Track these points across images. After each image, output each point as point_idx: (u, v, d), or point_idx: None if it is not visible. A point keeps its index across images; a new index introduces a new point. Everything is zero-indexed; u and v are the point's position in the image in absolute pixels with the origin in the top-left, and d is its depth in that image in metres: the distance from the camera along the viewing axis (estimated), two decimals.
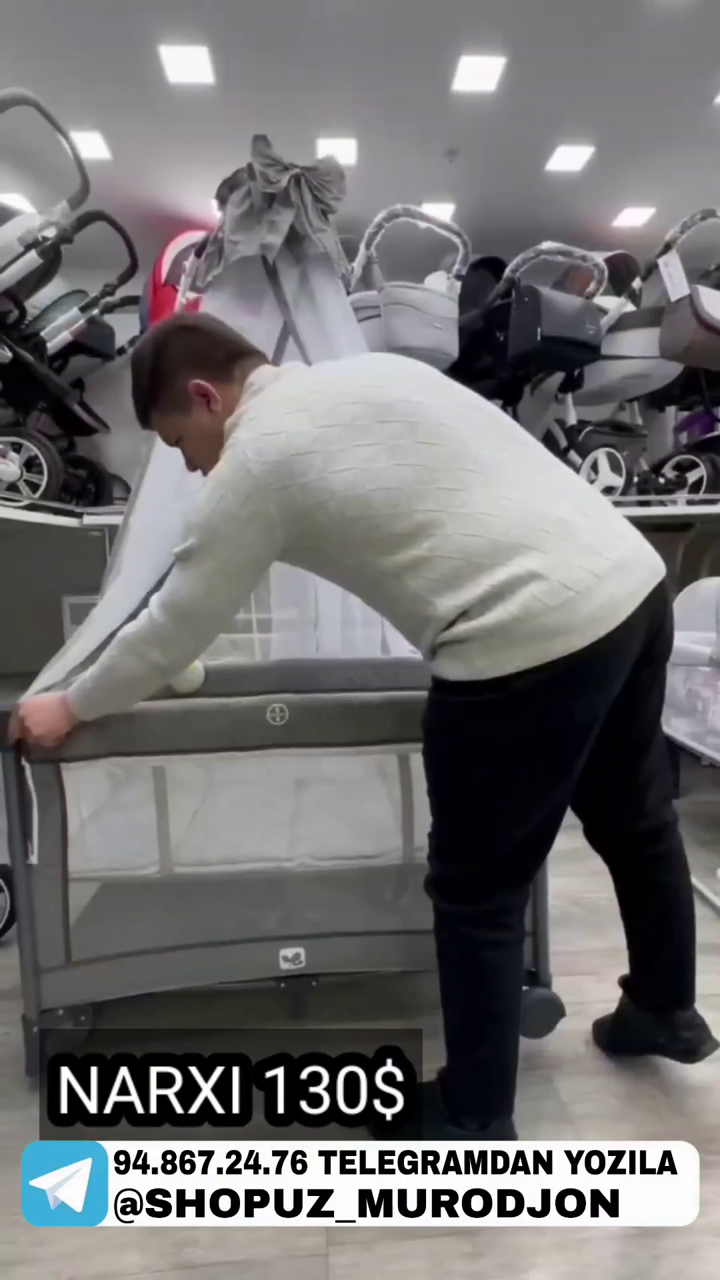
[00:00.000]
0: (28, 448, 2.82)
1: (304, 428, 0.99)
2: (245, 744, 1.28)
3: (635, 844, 1.28)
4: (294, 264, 1.59)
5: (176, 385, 1.10)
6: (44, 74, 2.46)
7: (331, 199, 1.54)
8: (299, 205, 1.51)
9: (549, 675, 0.95)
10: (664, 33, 2.45)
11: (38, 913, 1.32)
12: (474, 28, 2.40)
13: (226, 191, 1.60)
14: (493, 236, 3.23)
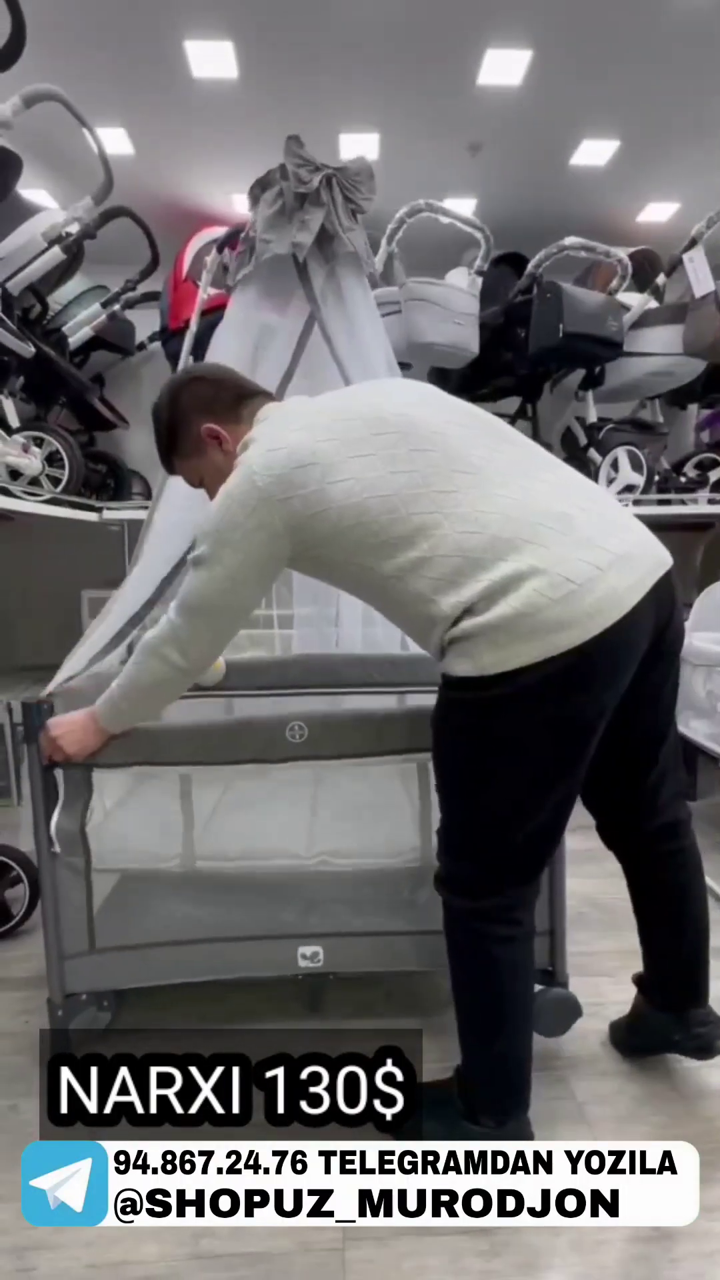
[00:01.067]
0: (49, 442, 2.85)
1: (304, 442, 1.05)
2: (266, 758, 1.31)
3: (648, 841, 1.28)
4: (323, 263, 1.61)
5: (191, 432, 1.20)
6: (69, 69, 2.47)
7: (361, 199, 1.56)
8: (329, 205, 1.53)
9: (555, 669, 0.96)
10: (692, 25, 2.41)
11: (62, 900, 1.34)
12: (500, 21, 2.37)
13: (259, 191, 1.62)
14: (515, 232, 3.20)
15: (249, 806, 1.63)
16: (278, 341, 1.72)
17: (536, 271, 3.04)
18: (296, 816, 1.60)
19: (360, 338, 1.61)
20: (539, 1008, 1.38)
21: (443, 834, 1.15)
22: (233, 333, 1.69)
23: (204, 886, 1.35)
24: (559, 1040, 1.42)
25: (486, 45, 2.47)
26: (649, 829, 1.27)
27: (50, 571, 3.40)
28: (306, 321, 1.68)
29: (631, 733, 1.15)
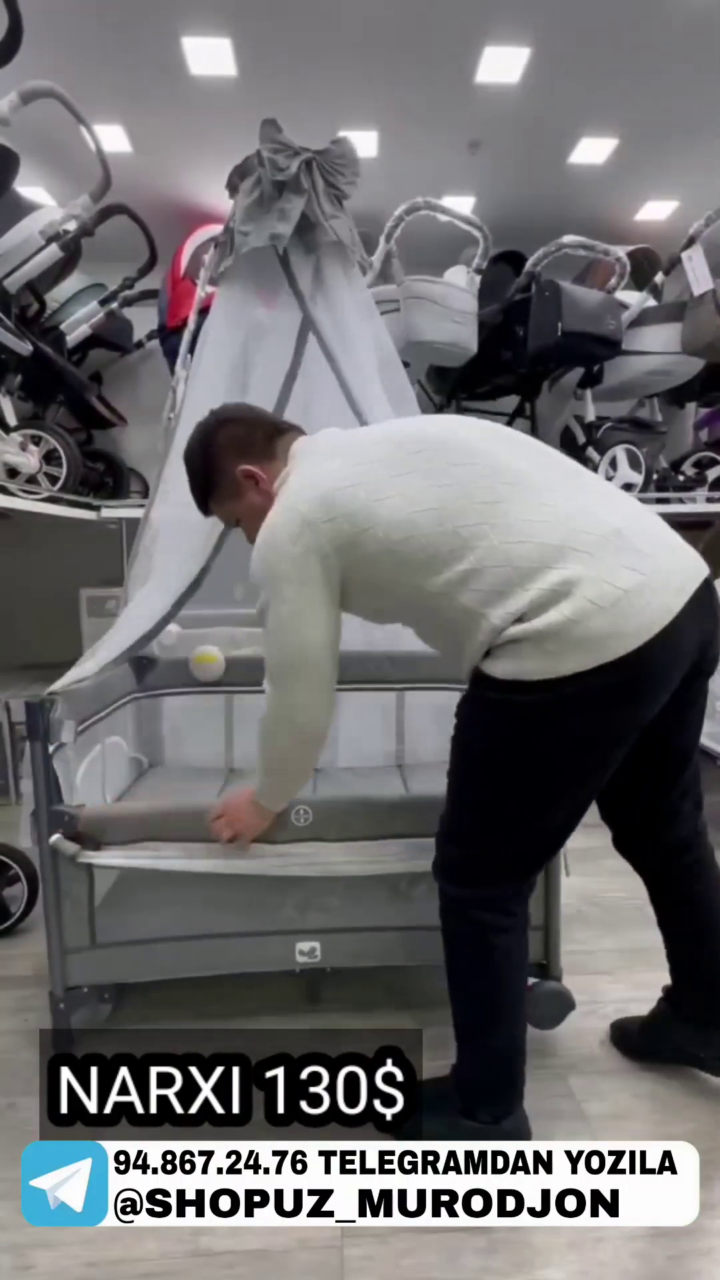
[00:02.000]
0: (47, 440, 2.84)
1: (341, 468, 1.07)
2: (271, 839, 1.34)
3: (666, 855, 1.28)
4: (307, 254, 1.56)
5: (227, 476, 1.21)
6: (67, 66, 2.46)
7: (344, 184, 1.51)
8: (310, 191, 1.47)
9: (600, 681, 0.95)
10: (691, 24, 2.40)
11: (64, 895, 1.34)
12: (499, 19, 2.36)
13: (237, 180, 1.57)
14: (514, 230, 3.20)
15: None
16: (269, 338, 1.70)
17: (535, 270, 3.04)
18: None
19: (351, 332, 1.58)
20: (533, 1000, 1.39)
21: (446, 821, 1.15)
22: (221, 330, 1.66)
23: (203, 883, 1.35)
24: (557, 1038, 1.43)
25: (485, 43, 2.46)
26: (666, 843, 1.26)
27: (48, 570, 3.39)
28: (302, 321, 1.66)
29: (664, 747, 1.15)
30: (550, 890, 1.42)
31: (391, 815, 1.38)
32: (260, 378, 1.76)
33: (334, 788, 1.90)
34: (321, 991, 1.54)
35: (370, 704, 2.10)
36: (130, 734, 1.99)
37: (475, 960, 1.12)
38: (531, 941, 1.42)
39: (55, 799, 1.36)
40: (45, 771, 1.35)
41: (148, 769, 2.06)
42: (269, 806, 1.28)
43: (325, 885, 1.38)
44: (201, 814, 1.37)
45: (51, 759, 1.36)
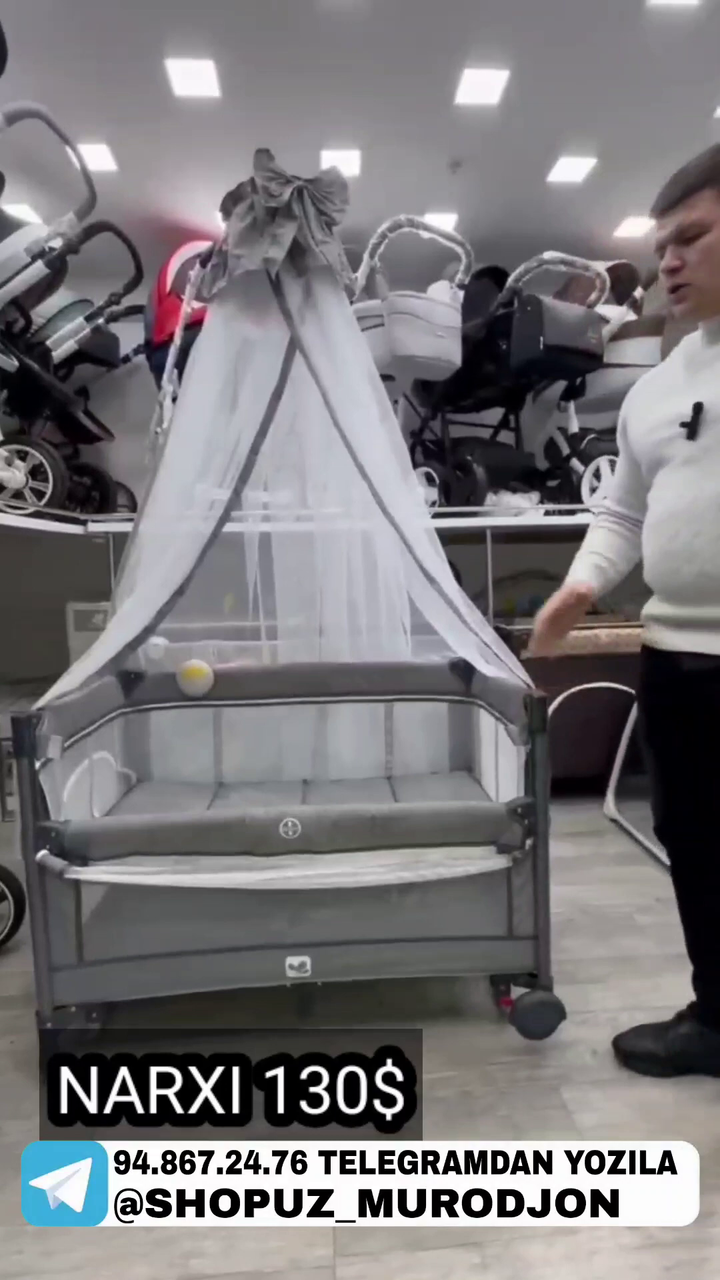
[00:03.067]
0: (33, 455, 2.83)
1: None
2: (259, 851, 1.35)
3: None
4: (297, 276, 1.60)
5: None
6: (52, 86, 2.49)
7: (334, 211, 1.56)
8: (301, 218, 1.53)
9: None
10: (664, 47, 2.47)
11: (51, 911, 1.33)
12: (476, 42, 2.42)
13: (230, 205, 1.62)
14: (495, 246, 3.25)
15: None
16: (259, 354, 1.73)
17: (517, 285, 3.09)
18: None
19: (338, 351, 1.62)
20: (521, 1010, 1.39)
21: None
22: (212, 347, 1.70)
23: (191, 898, 1.35)
24: (548, 1048, 1.43)
25: (464, 65, 2.52)
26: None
27: (35, 584, 3.37)
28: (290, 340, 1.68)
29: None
30: (540, 900, 1.42)
31: (381, 827, 1.38)
32: (249, 393, 1.79)
33: (324, 800, 1.90)
34: (313, 1006, 1.53)
35: (359, 715, 2.11)
36: (118, 749, 1.98)
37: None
38: (521, 951, 1.43)
39: (42, 814, 1.35)
40: (32, 787, 1.34)
41: (136, 784, 2.05)
42: None
43: (315, 898, 1.38)
44: (189, 828, 1.36)
45: (38, 774, 1.35)
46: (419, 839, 1.39)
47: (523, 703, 1.45)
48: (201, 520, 1.86)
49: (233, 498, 1.86)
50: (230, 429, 1.80)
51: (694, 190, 1.08)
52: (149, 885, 1.34)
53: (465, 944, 1.44)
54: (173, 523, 1.80)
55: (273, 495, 2.21)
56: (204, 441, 1.77)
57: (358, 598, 2.06)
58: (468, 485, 3.21)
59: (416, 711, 2.10)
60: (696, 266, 1.09)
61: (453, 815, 1.43)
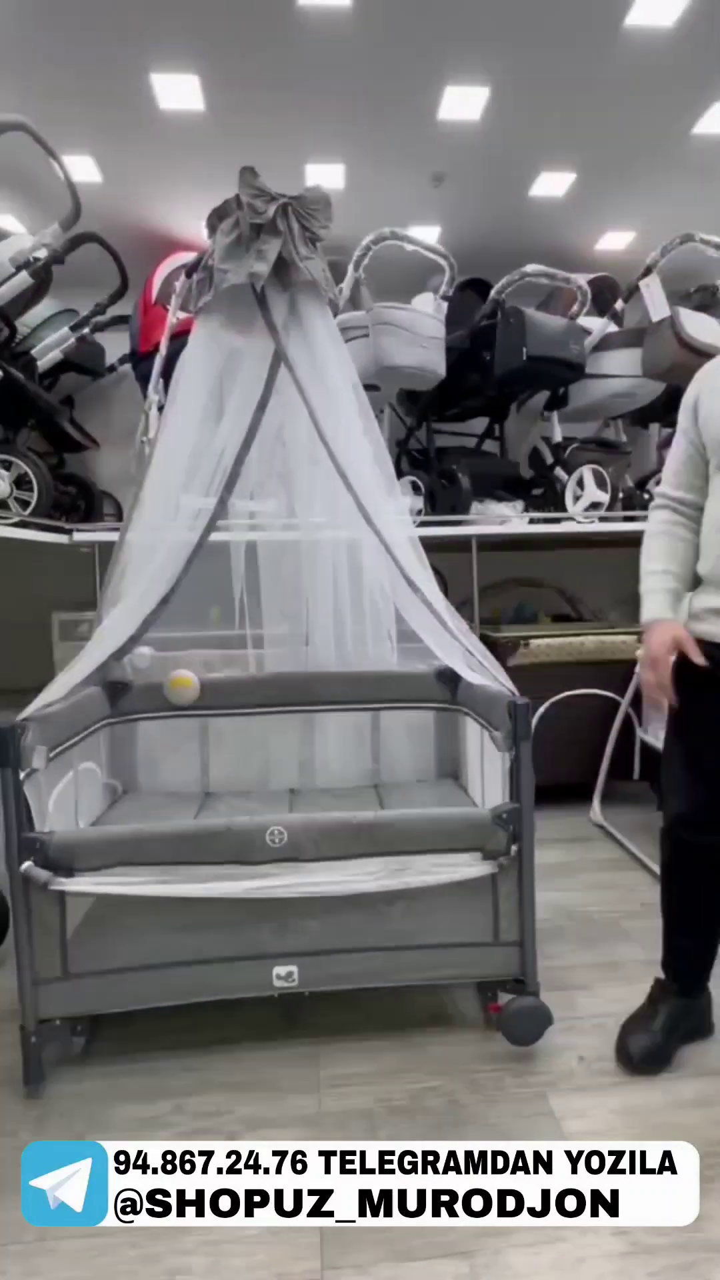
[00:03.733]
0: (18, 465, 2.82)
1: None
2: (245, 860, 1.35)
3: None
4: (282, 291, 1.62)
5: None
6: (38, 99, 2.50)
7: (318, 227, 1.58)
8: (286, 234, 1.55)
9: None
10: (643, 67, 2.52)
11: (35, 924, 1.32)
12: (458, 60, 2.46)
13: (216, 220, 1.64)
14: (478, 259, 3.29)
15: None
16: (245, 365, 1.75)
17: (500, 297, 3.12)
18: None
19: (323, 365, 1.64)
20: (508, 1017, 1.40)
21: None
22: (199, 358, 1.71)
23: (177, 909, 1.34)
24: (534, 1054, 1.43)
25: (445, 83, 2.56)
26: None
27: (20, 594, 3.35)
28: (275, 352, 1.70)
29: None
30: (525, 906, 1.43)
31: (367, 834, 1.38)
32: (235, 404, 1.80)
33: (311, 808, 1.90)
34: (301, 1015, 1.52)
35: (346, 724, 2.11)
36: (104, 759, 1.97)
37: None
38: (507, 957, 1.44)
39: (26, 826, 1.34)
40: (16, 798, 1.33)
41: (122, 794, 2.03)
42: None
43: (302, 907, 1.38)
44: (175, 838, 1.36)
45: (23, 785, 1.34)
46: (405, 846, 1.40)
47: (507, 710, 1.46)
48: (187, 530, 1.86)
49: (218, 507, 1.87)
50: (216, 439, 1.81)
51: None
52: (135, 896, 1.33)
53: (452, 951, 1.44)
54: (159, 532, 1.80)
55: (259, 504, 2.21)
56: (190, 451, 1.78)
57: (344, 607, 2.07)
58: (453, 494, 3.23)
59: (402, 720, 2.11)
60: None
61: (438, 822, 1.44)
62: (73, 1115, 1.31)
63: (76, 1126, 1.28)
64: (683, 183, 3.22)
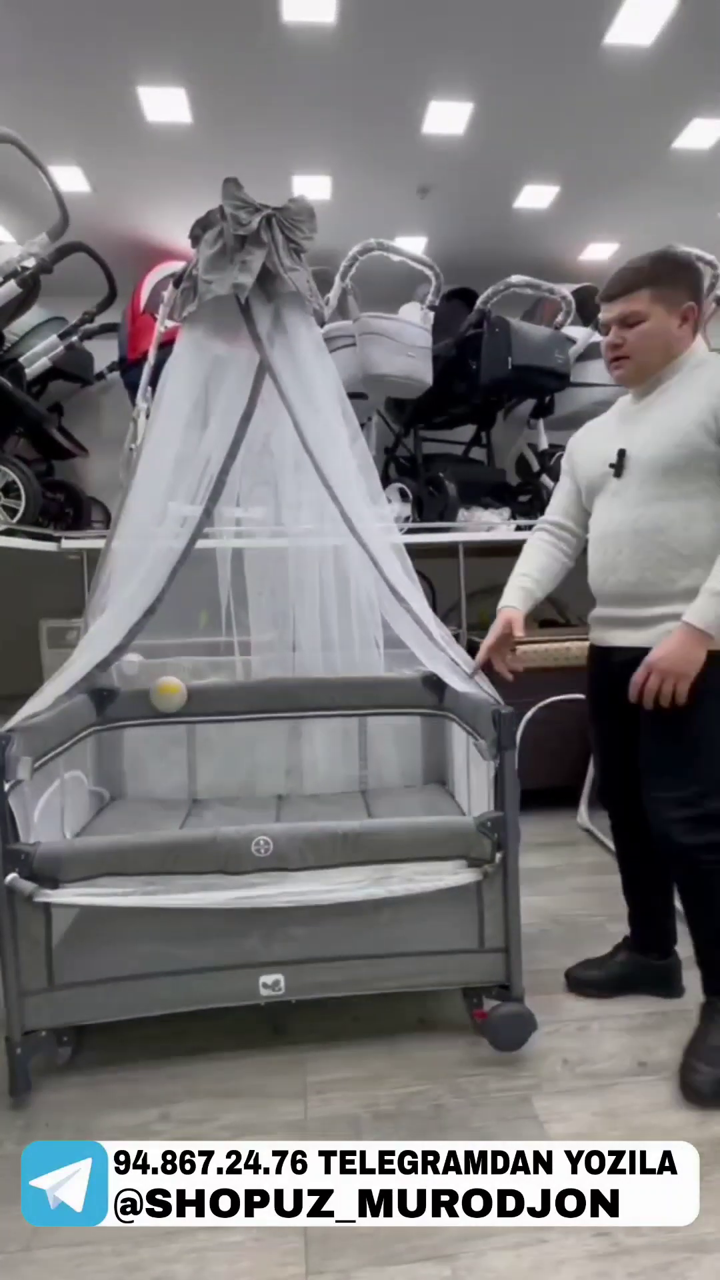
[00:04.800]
0: (5, 473, 2.82)
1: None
2: (231, 870, 1.36)
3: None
4: (267, 301, 1.63)
5: (681, 288, 1.37)
6: (25, 110, 2.51)
7: (302, 238, 1.60)
8: (270, 245, 1.56)
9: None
10: (625, 82, 2.57)
11: (20, 935, 1.32)
12: (442, 76, 2.50)
13: (199, 231, 1.65)
14: (464, 269, 3.33)
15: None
16: (230, 374, 1.76)
17: (485, 307, 3.16)
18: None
19: (307, 375, 1.65)
20: (493, 1022, 1.41)
21: (683, 801, 1.35)
22: (183, 366, 1.72)
23: (163, 919, 1.35)
24: (520, 1059, 1.44)
25: (430, 97, 2.59)
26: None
27: (8, 602, 3.34)
28: (260, 362, 1.71)
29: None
30: (510, 912, 1.44)
31: (352, 843, 1.39)
32: (220, 413, 1.81)
33: (299, 815, 1.91)
34: (289, 1023, 1.53)
35: (333, 730, 2.12)
36: (90, 767, 1.97)
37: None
38: (492, 963, 1.45)
39: (11, 837, 1.34)
40: (1, 810, 1.34)
41: (109, 802, 2.04)
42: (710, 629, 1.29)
43: (288, 915, 1.38)
44: (161, 848, 1.36)
45: (7, 796, 1.34)
46: (390, 854, 1.41)
47: (491, 718, 1.48)
48: (174, 537, 1.87)
49: (204, 515, 1.88)
50: (202, 447, 1.82)
51: (636, 288, 1.38)
52: (121, 907, 1.34)
53: (437, 958, 1.45)
54: (145, 540, 1.81)
55: (246, 511, 2.23)
56: (176, 459, 1.79)
57: (330, 613, 2.08)
58: (440, 501, 3.26)
59: (389, 726, 2.12)
60: (634, 345, 1.40)
61: (423, 831, 1.45)
62: (59, 1124, 1.31)
63: (63, 1135, 1.28)
64: (664, 195, 3.28)
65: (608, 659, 1.47)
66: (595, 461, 1.47)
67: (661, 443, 1.35)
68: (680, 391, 1.37)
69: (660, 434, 1.36)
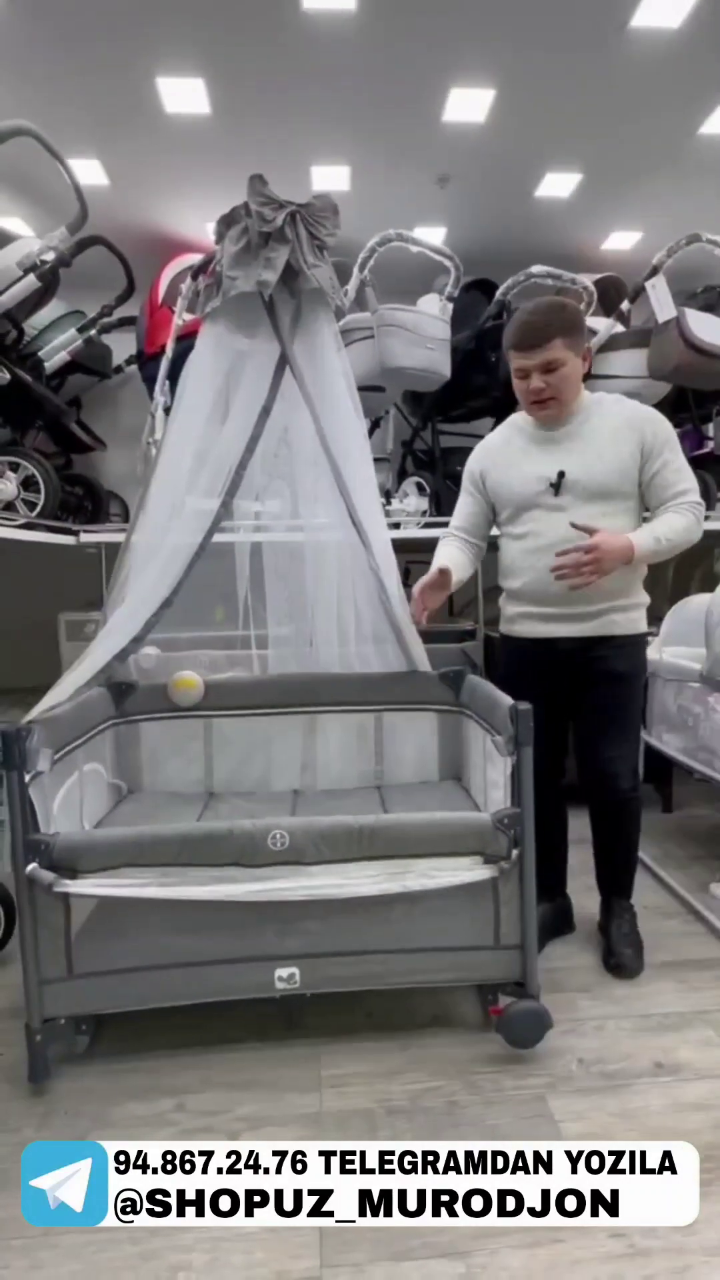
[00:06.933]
0: (25, 467, 2.85)
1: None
2: (247, 862, 1.37)
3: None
4: (290, 298, 1.63)
5: (580, 337, 1.62)
6: (44, 104, 2.52)
7: (326, 235, 1.60)
8: (294, 242, 1.56)
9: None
10: (649, 67, 2.52)
11: (41, 924, 1.34)
12: (462, 62, 2.46)
13: (224, 228, 1.65)
14: (484, 260, 3.29)
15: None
16: (250, 367, 1.76)
17: (505, 298, 3.12)
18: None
19: (328, 369, 1.64)
20: (508, 1020, 1.40)
21: (628, 758, 1.74)
22: (205, 361, 1.72)
23: (180, 910, 1.36)
24: (534, 1057, 1.44)
25: (450, 85, 2.55)
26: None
27: (27, 595, 3.37)
28: (280, 356, 1.71)
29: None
30: (526, 909, 1.44)
31: (368, 838, 1.39)
32: (240, 408, 1.81)
33: (314, 810, 1.91)
34: (303, 1017, 1.54)
35: (349, 725, 2.12)
36: (109, 760, 1.99)
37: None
38: (508, 960, 1.44)
39: (32, 827, 1.36)
40: (21, 800, 1.35)
41: (126, 795, 2.05)
42: (641, 559, 1.60)
43: (304, 909, 1.39)
44: (178, 840, 1.37)
45: (28, 787, 1.36)
46: (406, 850, 1.41)
47: (509, 714, 1.46)
48: (192, 531, 1.88)
49: (222, 509, 1.88)
50: (221, 441, 1.82)
51: (548, 339, 1.56)
52: (138, 898, 1.35)
53: (452, 954, 1.45)
54: (164, 534, 1.82)
55: (264, 505, 2.22)
56: (195, 453, 1.79)
57: (347, 608, 2.07)
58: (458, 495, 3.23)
59: (406, 721, 2.11)
60: (557, 387, 1.60)
61: (439, 826, 1.45)
62: (76, 1112, 1.33)
63: (80, 1124, 1.30)
64: (689, 183, 3.21)
65: (551, 648, 1.70)
66: (524, 480, 1.67)
67: (600, 468, 1.60)
68: (601, 424, 1.62)
69: (597, 460, 1.60)
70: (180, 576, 1.84)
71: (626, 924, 1.79)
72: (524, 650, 1.76)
